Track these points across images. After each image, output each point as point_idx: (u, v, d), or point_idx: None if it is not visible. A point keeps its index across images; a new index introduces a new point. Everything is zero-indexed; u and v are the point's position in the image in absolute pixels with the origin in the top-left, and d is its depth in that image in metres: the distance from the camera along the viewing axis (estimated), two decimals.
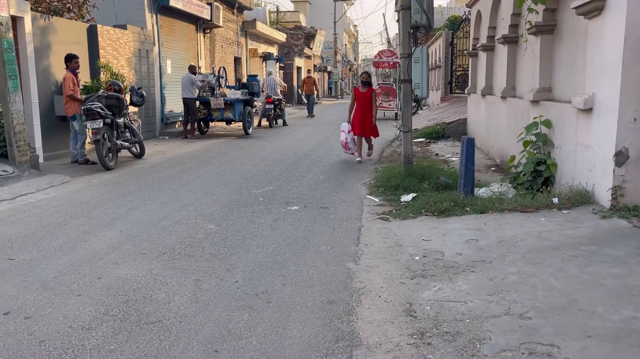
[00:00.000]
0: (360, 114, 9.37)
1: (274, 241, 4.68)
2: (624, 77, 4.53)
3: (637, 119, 4.58)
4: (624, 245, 3.86)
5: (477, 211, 5.27)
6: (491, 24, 9.84)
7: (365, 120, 9.35)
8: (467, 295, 3.34)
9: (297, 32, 35.41)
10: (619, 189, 4.68)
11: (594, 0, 4.89)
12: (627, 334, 2.64)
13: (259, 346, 2.82)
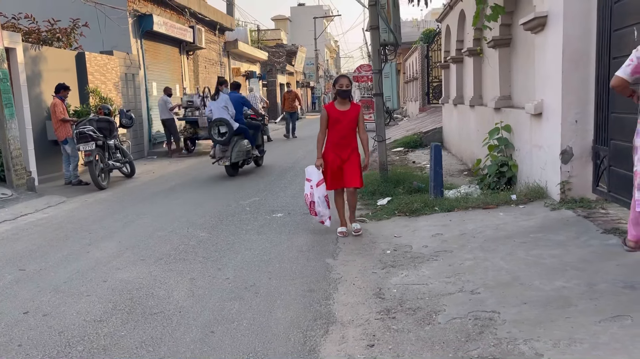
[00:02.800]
0: (337, 149, 5.23)
1: (260, 244, 5.16)
2: (564, 84, 5.12)
3: (578, 121, 5.16)
4: (566, 232, 4.41)
5: (445, 210, 5.80)
6: (459, 38, 10.50)
7: (347, 158, 5.23)
8: (429, 278, 3.85)
9: (279, 50, 36.14)
10: (566, 184, 5.24)
11: (537, 18, 5.50)
12: (555, 299, 3.16)
13: (249, 326, 3.29)
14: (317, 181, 5.27)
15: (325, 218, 5.39)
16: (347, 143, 5.25)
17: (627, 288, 3.15)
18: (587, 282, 3.33)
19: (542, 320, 2.92)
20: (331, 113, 5.24)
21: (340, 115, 5.21)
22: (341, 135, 5.22)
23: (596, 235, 4.23)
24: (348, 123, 5.21)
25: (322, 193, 5.28)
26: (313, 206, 5.31)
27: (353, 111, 5.27)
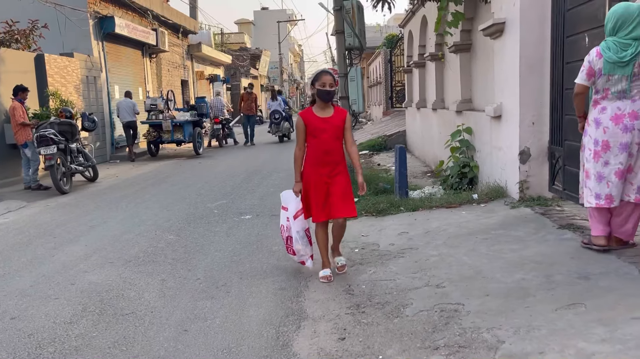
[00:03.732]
0: (320, 168, 4.01)
1: (230, 245, 5.20)
2: (522, 88, 5.36)
3: (534, 123, 5.41)
4: (525, 228, 4.62)
5: (410, 209, 5.97)
6: (421, 43, 10.77)
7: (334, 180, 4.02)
8: (396, 274, 3.98)
9: (243, 54, 36.06)
10: (525, 183, 5.48)
11: (495, 24, 5.74)
12: (515, 291, 3.33)
13: (222, 324, 3.34)
14: (294, 212, 4.10)
15: (306, 258, 4.19)
16: (333, 159, 3.97)
17: (581, 279, 3.35)
18: (544, 274, 3.52)
19: (503, 310, 3.07)
20: (310, 121, 3.94)
21: (322, 124, 3.92)
22: (324, 149, 3.93)
23: (552, 230, 4.45)
24: (333, 134, 3.94)
25: (302, 226, 4.12)
26: (290, 242, 4.15)
27: (338, 117, 3.98)
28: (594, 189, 3.64)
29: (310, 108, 4.05)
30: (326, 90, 3.92)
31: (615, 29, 3.47)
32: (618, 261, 3.54)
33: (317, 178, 3.99)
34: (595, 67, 3.52)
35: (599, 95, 3.61)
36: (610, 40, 3.49)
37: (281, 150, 14.99)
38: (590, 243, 3.78)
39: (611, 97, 3.53)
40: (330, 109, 4.01)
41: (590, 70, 3.57)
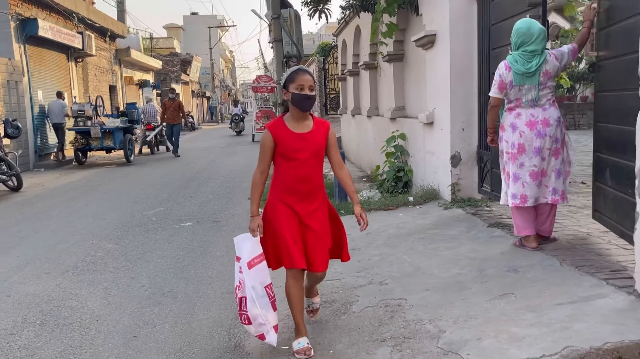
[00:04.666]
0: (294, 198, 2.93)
1: (172, 252, 5.15)
2: (452, 96, 5.70)
3: (464, 129, 5.77)
4: (458, 227, 4.93)
5: (350, 213, 6.15)
6: (355, 52, 11.10)
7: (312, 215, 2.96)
8: (341, 274, 4.13)
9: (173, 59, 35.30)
10: (456, 185, 5.83)
11: (427, 36, 6.08)
12: (452, 285, 3.58)
13: (171, 329, 3.35)
14: (250, 258, 2.88)
15: (268, 328, 2.90)
16: (311, 188, 2.94)
17: (511, 271, 3.64)
18: (478, 268, 3.79)
19: (442, 303, 3.29)
20: (282, 139, 2.87)
21: (299, 142, 2.87)
22: (300, 175, 2.90)
23: (483, 229, 4.78)
24: (313, 155, 2.90)
25: (261, 281, 2.90)
26: (244, 306, 2.87)
27: (320, 132, 2.94)
28: (511, 189, 3.97)
29: (280, 119, 2.91)
30: (305, 94, 2.81)
31: (518, 44, 3.83)
32: (542, 255, 3.87)
33: (288, 212, 2.90)
34: (506, 79, 3.85)
35: (513, 103, 3.93)
36: (515, 53, 3.84)
37: (219, 155, 14.88)
38: (522, 244, 4.08)
39: (524, 105, 3.88)
40: (309, 121, 2.93)
41: (501, 84, 3.88)
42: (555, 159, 3.89)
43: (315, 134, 2.94)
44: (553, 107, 3.88)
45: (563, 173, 3.93)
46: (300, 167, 2.90)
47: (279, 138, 2.89)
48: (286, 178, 2.94)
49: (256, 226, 2.91)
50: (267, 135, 2.92)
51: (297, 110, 2.88)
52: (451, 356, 2.62)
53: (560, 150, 3.91)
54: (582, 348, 2.49)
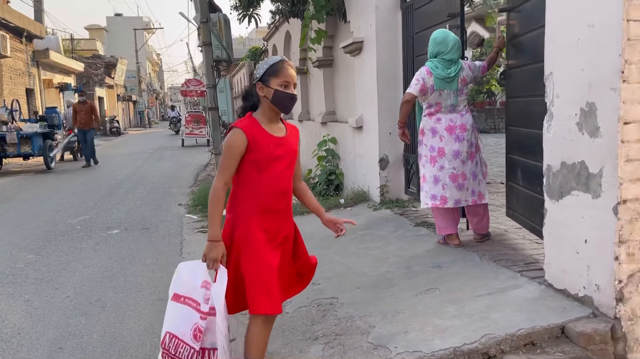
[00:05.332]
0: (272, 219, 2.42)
1: (99, 261, 4.99)
2: (380, 101, 5.91)
3: (391, 133, 5.98)
4: (386, 227, 5.12)
5: None
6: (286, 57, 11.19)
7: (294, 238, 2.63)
8: None
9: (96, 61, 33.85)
10: (385, 187, 6.04)
11: (355, 42, 6.26)
12: (382, 282, 3.72)
13: (100, 339, 3.26)
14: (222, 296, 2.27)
15: None
16: (287, 204, 2.49)
17: (435, 267, 3.84)
18: (405, 266, 3.96)
19: (372, 300, 3.42)
20: (260, 143, 2.34)
21: (278, 148, 2.39)
22: (279, 189, 2.42)
23: (410, 228, 4.99)
24: (289, 164, 2.46)
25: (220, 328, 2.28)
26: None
27: (293, 137, 2.52)
28: (430, 191, 4.19)
29: (253, 118, 2.38)
30: (291, 94, 2.36)
31: (434, 53, 4.08)
32: (464, 251, 4.10)
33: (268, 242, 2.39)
34: (427, 84, 4.07)
35: (433, 108, 4.16)
36: (435, 60, 4.09)
37: (147, 161, 14.44)
38: (446, 242, 4.30)
39: (444, 110, 4.12)
40: (280, 124, 2.46)
41: (423, 86, 4.08)
42: (471, 162, 4.15)
43: (290, 139, 2.46)
44: (468, 113, 4.16)
45: (479, 175, 4.19)
46: (277, 179, 2.39)
47: (256, 142, 2.32)
48: (260, 194, 2.37)
49: (220, 255, 2.27)
50: (239, 136, 2.31)
51: (274, 111, 2.37)
52: (380, 350, 2.73)
53: (475, 153, 4.18)
54: (499, 335, 2.68)
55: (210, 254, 2.29)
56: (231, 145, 2.33)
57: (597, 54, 2.67)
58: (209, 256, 2.29)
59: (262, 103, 2.39)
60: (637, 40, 2.50)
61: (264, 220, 2.38)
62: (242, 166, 2.36)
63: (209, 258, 2.30)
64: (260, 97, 2.38)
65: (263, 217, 2.38)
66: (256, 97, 2.41)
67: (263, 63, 2.42)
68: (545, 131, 3.14)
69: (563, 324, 2.74)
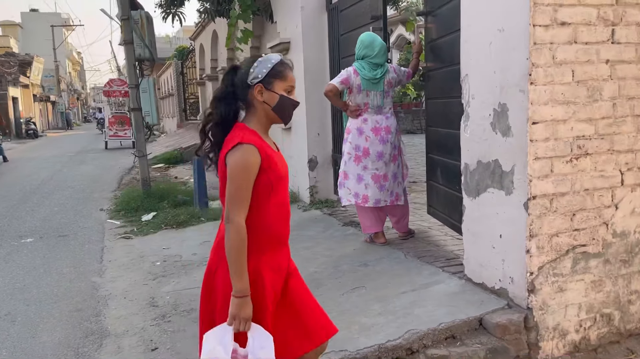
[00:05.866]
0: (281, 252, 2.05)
1: (10, 272, 4.66)
2: (307, 102, 5.92)
3: (320, 134, 6.02)
4: (316, 227, 5.14)
5: (211, 219, 6.09)
6: (213, 57, 11.01)
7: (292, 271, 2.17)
8: (200, 281, 4.05)
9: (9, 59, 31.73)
10: (314, 188, 6.06)
11: (281, 43, 6.25)
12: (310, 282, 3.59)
13: (10, 355, 3.04)
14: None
15: None
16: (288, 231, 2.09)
17: (362, 266, 3.89)
18: (333, 265, 3.99)
19: None
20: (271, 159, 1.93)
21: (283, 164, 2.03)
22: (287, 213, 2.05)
23: (339, 228, 5.03)
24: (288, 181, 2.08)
25: None
26: None
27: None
28: (354, 189, 4.25)
29: (253, 131, 1.93)
30: (296, 102, 2.06)
31: (361, 55, 4.16)
32: (390, 249, 4.19)
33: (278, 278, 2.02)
34: (353, 83, 4.13)
35: (360, 109, 4.22)
36: (362, 61, 4.16)
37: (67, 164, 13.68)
38: (372, 240, 4.37)
39: (370, 111, 4.19)
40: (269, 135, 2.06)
41: (346, 80, 4.13)
42: (393, 164, 4.24)
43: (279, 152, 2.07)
44: (393, 116, 4.26)
45: (399, 177, 4.29)
46: (285, 203, 2.01)
47: (269, 160, 1.90)
48: (271, 223, 1.95)
49: (251, 312, 1.86)
50: (254, 155, 1.85)
51: (273, 120, 2.00)
52: None
53: (397, 156, 4.28)
54: (421, 330, 2.75)
55: (242, 312, 1.83)
56: (248, 168, 1.84)
57: (508, 57, 2.80)
58: (240, 316, 1.82)
59: (257, 109, 1.95)
60: (542, 44, 2.65)
61: (274, 256, 1.97)
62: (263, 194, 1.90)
63: (240, 318, 1.83)
64: (256, 102, 1.94)
65: (274, 252, 1.97)
66: (244, 102, 1.95)
67: (262, 61, 1.95)
68: (462, 131, 3.27)
69: (481, 316, 2.85)
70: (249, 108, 1.97)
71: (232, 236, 1.82)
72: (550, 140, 2.72)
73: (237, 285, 1.83)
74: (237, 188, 1.84)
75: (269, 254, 1.94)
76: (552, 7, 2.63)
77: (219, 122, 1.95)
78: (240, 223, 1.83)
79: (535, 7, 2.61)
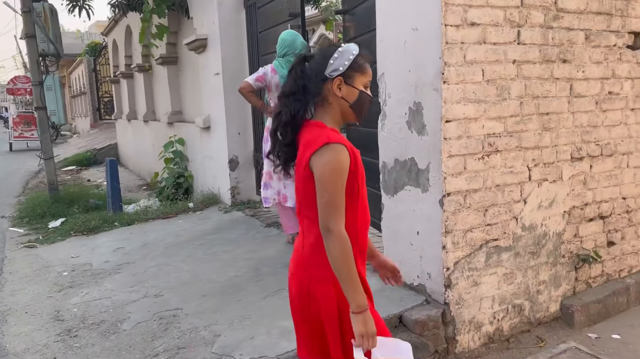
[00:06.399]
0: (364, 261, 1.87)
1: None
2: (226, 101, 5.75)
3: (240, 133, 5.87)
4: (237, 230, 5.00)
5: (125, 224, 5.77)
6: (127, 53, 10.48)
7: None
8: (112, 291, 3.82)
9: None
10: (236, 189, 5.90)
11: (198, 39, 6.03)
12: (230, 287, 3.60)
13: None
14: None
15: None
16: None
17: (284, 267, 3.78)
18: (254, 268, 3.89)
19: (219, 307, 3.29)
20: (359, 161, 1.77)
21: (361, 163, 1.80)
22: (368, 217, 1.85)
23: (261, 229, 4.93)
24: None
25: None
26: None
27: None
28: (275, 188, 4.19)
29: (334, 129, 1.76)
30: (372, 98, 1.87)
31: (282, 53, 4.09)
32: None
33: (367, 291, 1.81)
34: (271, 81, 4.05)
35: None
36: (282, 60, 4.09)
37: None
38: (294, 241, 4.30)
39: None
40: None
41: (261, 78, 4.06)
42: None
43: None
44: None
45: None
46: (367, 206, 1.82)
47: (356, 161, 1.75)
48: (358, 231, 1.77)
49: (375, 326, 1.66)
50: (344, 153, 1.68)
51: (348, 118, 1.81)
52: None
53: None
54: None
55: (367, 328, 1.63)
56: (341, 170, 1.66)
57: (422, 56, 2.84)
58: (367, 333, 1.63)
59: (331, 105, 1.76)
60: (454, 43, 2.70)
61: (362, 269, 1.78)
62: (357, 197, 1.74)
63: (367, 336, 1.63)
64: (332, 97, 1.74)
65: (361, 264, 1.78)
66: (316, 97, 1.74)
67: (344, 52, 1.75)
68: (380, 130, 3.28)
69: (400, 313, 2.87)
70: (321, 103, 1.76)
71: (338, 247, 1.63)
72: (463, 138, 2.78)
73: (356, 300, 1.63)
74: (332, 194, 1.64)
75: (358, 266, 1.72)
76: (462, 8, 2.69)
77: (288, 121, 1.75)
78: (343, 232, 1.64)
79: (447, 7, 2.65)
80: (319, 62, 1.76)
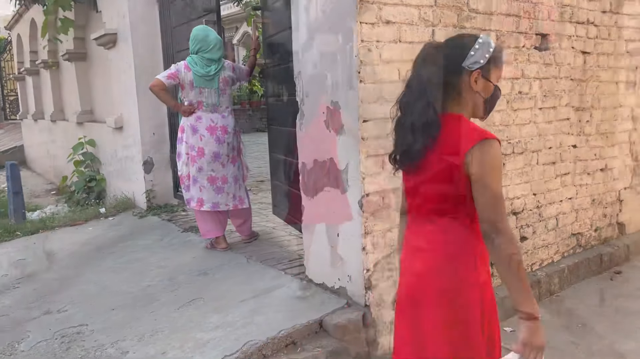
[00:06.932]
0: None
1: None
2: (140, 99, 5.42)
3: (155, 133, 5.57)
4: (152, 236, 4.73)
5: (28, 233, 5.31)
6: (32, 49, 9.75)
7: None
8: (10, 308, 3.47)
9: None
10: (151, 192, 5.59)
11: (107, 34, 5.67)
12: (141, 298, 3.37)
13: None
14: None
15: None
16: None
17: (201, 275, 3.63)
18: (169, 277, 3.67)
19: (128, 321, 3.06)
20: None
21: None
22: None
23: (178, 234, 4.68)
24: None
25: None
26: None
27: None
28: (191, 192, 3.99)
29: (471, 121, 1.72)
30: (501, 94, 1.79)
31: (195, 50, 3.90)
32: (232, 254, 3.98)
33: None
34: (184, 79, 3.85)
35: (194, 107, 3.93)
36: (195, 56, 3.90)
37: None
38: (213, 246, 4.11)
39: (205, 109, 3.94)
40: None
41: (173, 75, 3.84)
42: (232, 166, 4.03)
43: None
44: (231, 115, 4.02)
45: (240, 179, 4.10)
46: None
47: None
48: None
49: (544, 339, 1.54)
50: (500, 151, 1.64)
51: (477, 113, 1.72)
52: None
53: (237, 157, 4.08)
54: (260, 340, 2.60)
55: (537, 339, 1.51)
56: (500, 167, 1.62)
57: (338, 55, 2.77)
58: (535, 344, 1.51)
59: (465, 100, 1.66)
60: (369, 42, 2.65)
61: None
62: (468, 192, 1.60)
63: (532, 347, 1.51)
64: (467, 91, 1.65)
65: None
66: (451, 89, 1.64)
67: (484, 43, 1.64)
68: (299, 129, 3.19)
69: (321, 318, 2.79)
70: (453, 96, 1.65)
71: (510, 248, 1.54)
72: (381, 138, 2.74)
73: (531, 306, 1.53)
74: (496, 191, 1.57)
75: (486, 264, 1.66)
76: (377, 5, 2.65)
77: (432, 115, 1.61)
78: (512, 232, 1.58)
79: (362, 4, 2.60)
80: (457, 52, 1.65)
